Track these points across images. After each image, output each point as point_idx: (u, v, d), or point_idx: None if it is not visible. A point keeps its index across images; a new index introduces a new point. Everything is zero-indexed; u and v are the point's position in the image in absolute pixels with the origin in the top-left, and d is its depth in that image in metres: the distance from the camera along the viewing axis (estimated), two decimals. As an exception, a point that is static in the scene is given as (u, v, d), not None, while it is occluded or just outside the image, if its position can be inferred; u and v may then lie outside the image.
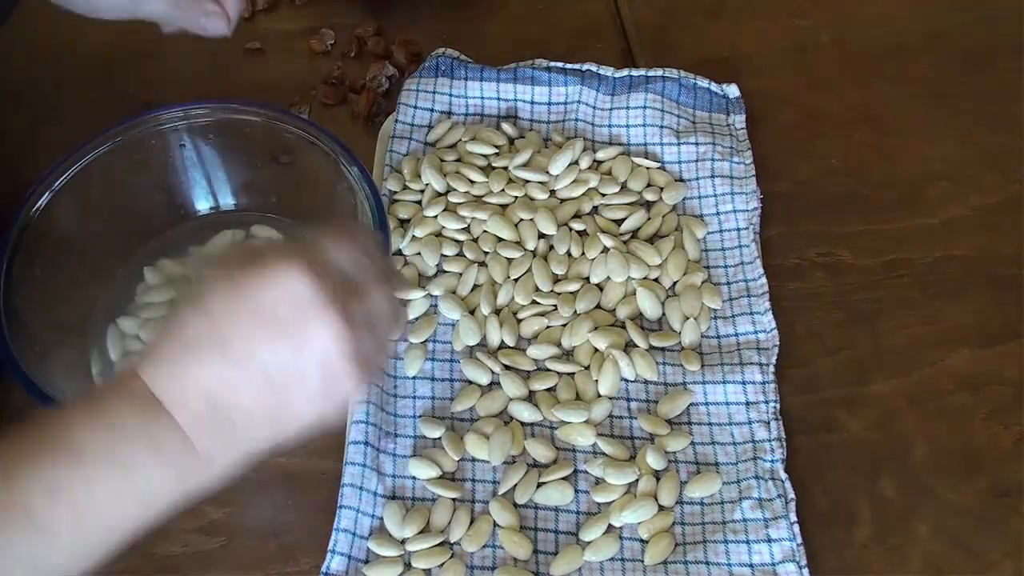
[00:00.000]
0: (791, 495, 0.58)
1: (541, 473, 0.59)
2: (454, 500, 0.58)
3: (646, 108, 0.73)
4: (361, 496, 0.57)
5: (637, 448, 0.61)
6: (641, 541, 0.57)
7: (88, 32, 0.73)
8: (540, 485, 0.59)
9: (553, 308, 0.65)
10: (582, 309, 0.65)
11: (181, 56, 0.76)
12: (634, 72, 0.75)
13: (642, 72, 0.75)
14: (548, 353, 0.64)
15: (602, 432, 0.61)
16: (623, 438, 0.61)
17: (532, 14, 0.84)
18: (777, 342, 0.64)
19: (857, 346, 0.66)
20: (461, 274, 0.66)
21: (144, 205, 0.66)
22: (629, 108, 0.73)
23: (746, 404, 0.62)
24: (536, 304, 0.65)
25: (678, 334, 0.65)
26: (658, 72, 0.75)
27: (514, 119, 0.74)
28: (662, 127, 0.73)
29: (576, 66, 0.75)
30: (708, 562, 0.56)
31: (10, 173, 0.68)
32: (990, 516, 0.59)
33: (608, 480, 0.59)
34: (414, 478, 0.59)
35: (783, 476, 0.59)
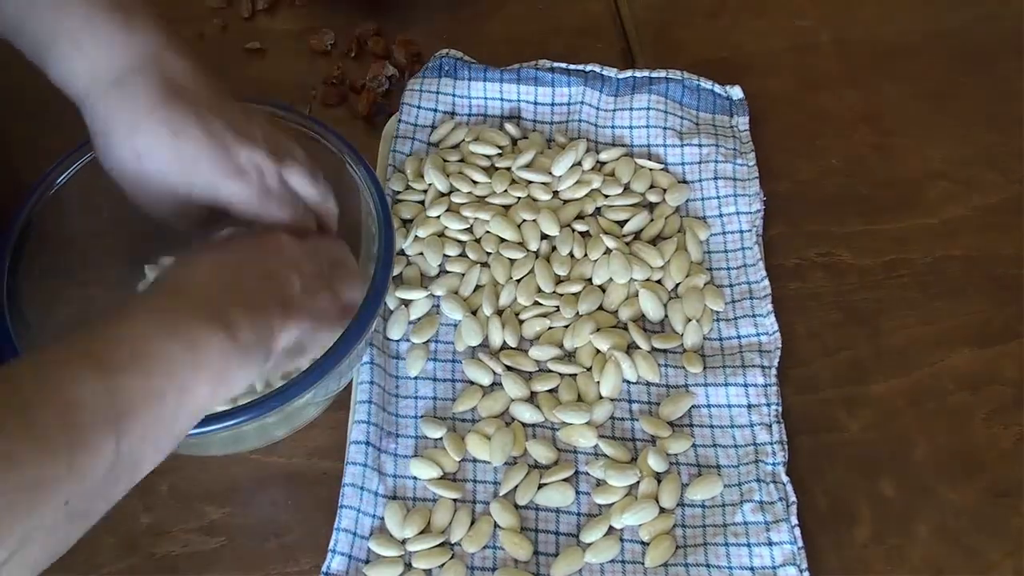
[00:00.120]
0: (792, 498, 0.58)
1: (542, 474, 0.59)
2: (455, 501, 0.58)
3: (649, 109, 0.73)
4: (362, 496, 0.57)
5: (638, 450, 0.61)
6: (642, 543, 0.57)
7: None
8: (541, 486, 0.59)
9: (555, 309, 0.65)
10: (584, 310, 0.65)
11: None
12: (637, 73, 0.75)
13: (645, 73, 0.75)
14: (550, 354, 0.64)
15: (603, 434, 0.61)
16: (624, 440, 0.61)
17: (532, 14, 0.83)
18: (779, 344, 0.64)
19: (857, 346, 0.66)
20: (464, 274, 0.66)
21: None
22: (632, 109, 0.73)
23: (748, 407, 0.62)
24: (538, 305, 0.65)
25: (680, 336, 0.65)
26: (661, 73, 0.75)
27: (517, 120, 0.74)
28: (665, 128, 0.73)
29: (579, 67, 0.75)
30: (709, 565, 0.56)
31: (11, 179, 0.68)
32: (990, 516, 0.59)
33: (609, 482, 0.59)
34: (415, 478, 0.59)
35: (784, 479, 0.59)
